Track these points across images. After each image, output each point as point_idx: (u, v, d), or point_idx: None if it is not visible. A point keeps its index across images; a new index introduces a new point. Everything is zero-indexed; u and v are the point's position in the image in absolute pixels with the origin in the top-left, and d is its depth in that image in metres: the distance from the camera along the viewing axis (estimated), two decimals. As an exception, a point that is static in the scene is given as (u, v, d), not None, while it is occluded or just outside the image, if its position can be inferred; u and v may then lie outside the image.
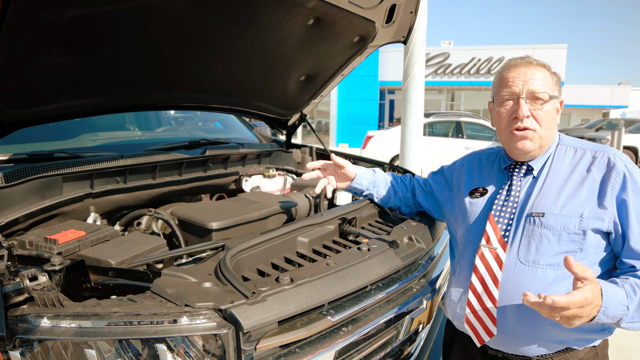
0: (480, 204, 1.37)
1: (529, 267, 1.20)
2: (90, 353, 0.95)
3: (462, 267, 1.37)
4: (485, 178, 1.43)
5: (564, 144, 1.31)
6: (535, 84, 1.22)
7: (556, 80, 1.27)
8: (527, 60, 1.27)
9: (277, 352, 1.06)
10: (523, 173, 1.31)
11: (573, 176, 1.23)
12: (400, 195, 1.73)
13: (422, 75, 4.60)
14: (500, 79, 1.29)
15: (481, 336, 1.28)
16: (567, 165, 1.26)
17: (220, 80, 2.11)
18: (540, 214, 1.21)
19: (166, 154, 2.03)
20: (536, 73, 1.23)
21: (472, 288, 1.28)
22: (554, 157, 1.29)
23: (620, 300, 1.04)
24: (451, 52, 19.64)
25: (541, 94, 1.22)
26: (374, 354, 1.30)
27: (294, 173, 2.69)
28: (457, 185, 1.51)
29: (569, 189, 1.21)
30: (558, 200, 1.21)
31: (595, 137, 12.56)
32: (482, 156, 1.51)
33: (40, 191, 1.58)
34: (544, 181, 1.27)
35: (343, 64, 2.32)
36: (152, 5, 1.45)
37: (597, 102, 26.07)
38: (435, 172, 1.69)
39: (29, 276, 1.03)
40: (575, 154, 1.27)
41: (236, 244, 1.30)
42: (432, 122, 10.32)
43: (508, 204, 1.29)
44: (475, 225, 1.36)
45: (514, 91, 1.24)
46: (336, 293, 1.19)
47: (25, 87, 1.45)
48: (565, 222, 1.17)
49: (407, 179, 1.76)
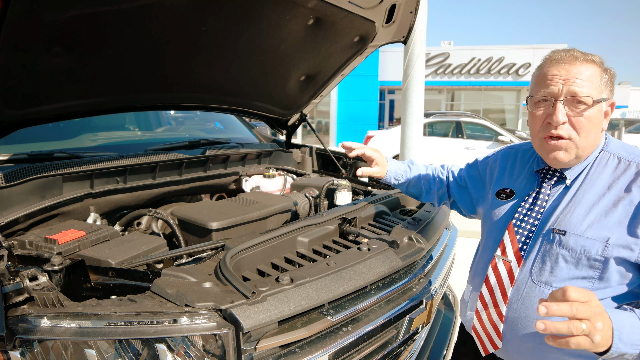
0: (504, 208, 1.25)
1: (540, 287, 1.11)
2: (90, 353, 0.95)
3: (477, 272, 1.30)
4: (515, 178, 1.29)
5: (608, 150, 1.12)
6: (579, 84, 1.03)
7: (607, 79, 1.07)
8: (572, 54, 1.07)
9: (277, 352, 1.06)
10: (554, 181, 1.17)
11: (609, 193, 1.06)
12: (434, 193, 1.58)
13: (422, 75, 4.59)
14: (539, 75, 1.11)
15: (486, 347, 1.23)
16: (606, 179, 1.09)
17: (220, 80, 2.11)
18: (562, 232, 1.08)
19: (166, 154, 2.03)
20: (583, 71, 1.04)
21: (481, 298, 1.21)
22: (593, 166, 1.12)
23: (632, 322, 0.92)
24: (451, 52, 19.63)
25: (584, 98, 1.03)
26: (374, 354, 1.30)
27: (294, 173, 2.69)
28: (490, 181, 1.38)
29: (600, 208, 1.06)
30: (586, 218, 1.06)
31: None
32: (518, 152, 1.35)
33: (40, 191, 1.58)
34: (575, 193, 1.11)
35: (343, 64, 2.32)
36: (152, 5, 1.45)
37: (597, 102, 26.01)
38: (470, 165, 1.52)
39: (29, 276, 1.03)
40: (618, 166, 1.09)
41: (236, 244, 1.30)
42: (432, 122, 10.32)
43: (532, 214, 1.16)
44: (494, 231, 1.25)
45: (552, 91, 1.06)
46: (336, 293, 1.19)
47: (25, 87, 1.45)
48: (588, 245, 1.03)
49: (445, 173, 1.58)
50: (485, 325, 1.21)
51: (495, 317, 1.18)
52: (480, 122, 10.22)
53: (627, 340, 0.89)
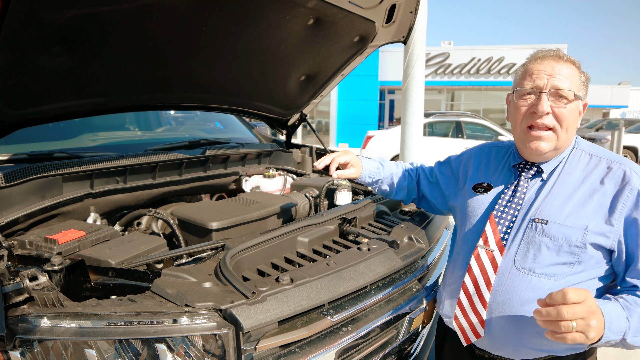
0: (483, 201, 1.32)
1: (524, 274, 1.17)
2: (90, 353, 0.95)
3: (457, 266, 1.34)
4: (491, 174, 1.36)
5: (579, 148, 1.23)
6: (562, 80, 1.14)
7: (584, 80, 1.19)
8: (556, 53, 1.19)
9: (277, 352, 1.06)
10: (532, 174, 1.25)
11: (584, 185, 1.16)
12: (404, 189, 1.67)
13: (422, 75, 4.59)
14: (525, 70, 1.21)
15: (468, 336, 1.27)
16: (580, 173, 1.19)
17: (221, 80, 2.11)
18: (544, 221, 1.15)
19: (166, 154, 2.03)
20: (564, 69, 1.15)
21: (464, 288, 1.25)
22: (567, 161, 1.22)
23: (619, 313, 1.01)
24: (451, 52, 19.63)
25: (566, 92, 1.13)
26: (374, 354, 1.30)
27: (294, 173, 2.69)
28: (464, 178, 1.45)
29: (577, 199, 1.15)
30: (564, 208, 1.15)
31: (595, 137, 12.56)
32: (492, 150, 1.44)
33: (40, 191, 1.58)
34: (553, 186, 1.20)
35: (343, 64, 2.32)
36: (152, 5, 1.45)
37: (597, 102, 26.07)
38: (442, 162, 1.61)
39: (29, 276, 1.03)
40: (589, 161, 1.20)
41: (236, 244, 1.30)
42: (432, 122, 10.32)
43: (512, 205, 1.24)
44: (475, 224, 1.31)
45: (538, 84, 1.16)
46: (336, 293, 1.19)
47: (25, 87, 1.45)
48: (568, 233, 1.12)
49: (414, 170, 1.69)
50: (468, 315, 1.25)
51: (479, 305, 1.22)
52: (480, 122, 10.22)
53: (615, 329, 0.99)
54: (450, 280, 1.36)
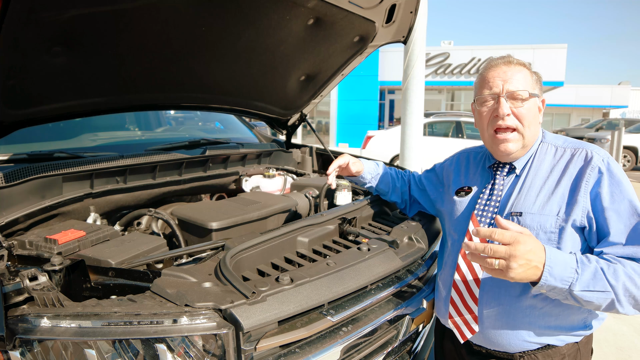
0: (465, 203, 1.40)
1: None
2: (90, 353, 0.95)
3: (447, 267, 1.41)
4: (471, 177, 1.46)
5: (546, 142, 1.32)
6: (515, 82, 1.24)
7: (536, 79, 1.29)
8: (507, 59, 1.29)
9: (277, 352, 1.06)
10: (506, 172, 1.34)
11: (552, 175, 1.24)
12: (398, 191, 1.76)
13: (422, 75, 4.59)
14: (481, 79, 1.31)
15: (464, 333, 1.32)
16: (548, 164, 1.27)
17: (221, 80, 2.11)
18: (518, 214, 1.23)
19: (166, 154, 2.03)
20: (516, 72, 1.25)
21: (454, 286, 1.32)
22: (536, 155, 1.30)
23: (568, 263, 1.05)
24: (451, 52, 19.63)
25: (521, 92, 1.23)
26: (374, 353, 1.30)
27: (294, 173, 2.69)
28: (447, 183, 1.55)
29: (547, 188, 1.23)
30: (537, 199, 1.23)
31: (596, 137, 12.56)
32: (469, 155, 1.54)
33: (40, 191, 1.58)
34: (524, 180, 1.29)
35: (343, 63, 2.32)
36: (152, 5, 1.45)
37: (597, 102, 26.08)
38: (428, 170, 1.72)
39: (29, 276, 1.03)
40: (556, 153, 1.28)
41: (236, 244, 1.30)
42: (432, 122, 10.32)
43: (490, 203, 1.32)
44: (460, 224, 1.39)
45: (494, 91, 1.26)
46: (336, 293, 1.19)
47: (25, 87, 1.45)
48: (542, 221, 1.19)
49: (406, 175, 1.80)
50: (461, 312, 1.31)
51: (470, 302, 1.29)
52: (480, 122, 10.20)
53: (557, 275, 1.04)
54: (441, 282, 1.43)
